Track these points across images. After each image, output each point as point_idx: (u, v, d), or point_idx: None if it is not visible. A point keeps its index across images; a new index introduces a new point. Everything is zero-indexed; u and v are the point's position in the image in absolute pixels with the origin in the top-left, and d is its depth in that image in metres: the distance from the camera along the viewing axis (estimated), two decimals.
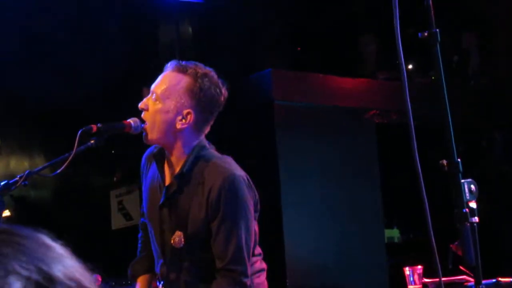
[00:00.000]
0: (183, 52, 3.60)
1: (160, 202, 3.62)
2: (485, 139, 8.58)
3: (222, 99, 3.62)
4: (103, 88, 8.33)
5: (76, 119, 3.86)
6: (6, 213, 10.48)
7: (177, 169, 3.57)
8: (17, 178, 3.40)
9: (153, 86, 3.58)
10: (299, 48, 8.60)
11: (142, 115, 3.57)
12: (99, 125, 3.48)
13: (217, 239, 3.48)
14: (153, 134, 3.55)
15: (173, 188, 3.59)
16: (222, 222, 3.47)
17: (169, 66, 3.60)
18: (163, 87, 3.53)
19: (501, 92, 8.12)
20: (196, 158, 3.57)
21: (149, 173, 3.76)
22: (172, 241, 3.54)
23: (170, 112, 3.52)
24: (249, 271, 3.53)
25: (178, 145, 3.57)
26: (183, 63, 3.59)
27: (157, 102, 3.53)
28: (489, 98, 8.25)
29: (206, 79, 3.55)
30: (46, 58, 8.50)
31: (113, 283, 6.57)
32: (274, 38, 8.21)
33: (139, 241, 3.98)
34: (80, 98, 8.39)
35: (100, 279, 5.39)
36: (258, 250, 3.66)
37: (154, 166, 3.72)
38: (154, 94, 3.54)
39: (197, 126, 3.57)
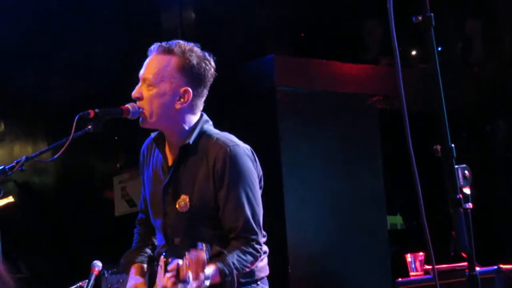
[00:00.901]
0: (186, 39, 3.59)
1: (165, 182, 3.60)
2: (488, 126, 8.57)
3: (213, 70, 3.60)
4: (105, 75, 8.33)
5: (80, 105, 3.85)
6: (10, 199, 10.50)
7: (180, 145, 3.56)
8: (13, 164, 3.39)
9: (141, 72, 3.56)
10: (302, 34, 8.58)
11: (138, 104, 3.54)
12: (96, 110, 3.47)
13: (226, 210, 3.47)
14: (152, 119, 3.53)
15: (178, 160, 3.58)
16: (229, 192, 3.46)
17: (153, 50, 3.58)
18: (154, 71, 3.51)
19: (505, 78, 8.10)
20: (200, 132, 3.57)
21: (150, 161, 3.75)
22: (177, 205, 3.51)
23: (167, 94, 3.50)
24: (262, 240, 3.52)
25: (178, 124, 3.56)
26: (166, 43, 3.57)
27: (151, 87, 3.50)
28: (493, 85, 8.24)
29: (193, 54, 3.54)
30: (47, 45, 8.50)
31: (115, 269, 6.57)
32: (276, 24, 8.19)
33: (136, 235, 3.94)
34: (83, 84, 8.39)
35: (101, 265, 5.39)
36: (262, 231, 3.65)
37: (156, 152, 3.72)
38: (146, 81, 3.52)
39: (194, 102, 3.56)
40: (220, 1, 8.01)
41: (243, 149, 3.54)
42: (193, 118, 3.59)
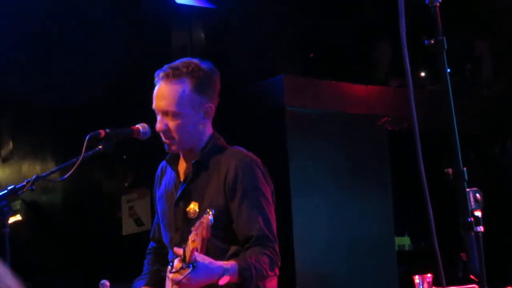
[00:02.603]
0: (195, 58, 3.60)
1: (177, 196, 3.59)
2: (497, 147, 8.56)
3: (218, 78, 3.60)
4: (117, 95, 8.35)
5: (89, 125, 3.86)
6: (18, 217, 10.52)
7: (193, 160, 3.56)
8: (24, 183, 3.39)
9: (159, 105, 3.50)
10: (312, 54, 8.60)
11: (164, 136, 3.52)
12: (107, 130, 3.48)
13: (240, 221, 3.43)
14: (181, 145, 3.53)
15: (190, 175, 3.57)
16: (242, 202, 3.43)
17: (161, 77, 3.53)
18: (174, 101, 3.48)
19: None
20: (213, 147, 3.57)
21: (162, 181, 3.76)
22: (187, 212, 3.50)
23: (192, 118, 3.50)
24: (277, 249, 3.45)
25: (200, 141, 3.57)
26: (172, 68, 3.53)
27: (176, 117, 3.48)
28: (501, 106, 8.24)
29: (200, 70, 3.53)
30: (60, 64, 8.53)
31: None
32: (286, 44, 8.21)
33: (145, 265, 3.90)
34: (93, 104, 8.41)
35: (108, 284, 5.37)
36: None
37: (168, 171, 3.72)
38: (169, 113, 3.49)
39: (211, 116, 3.60)
40: (229, 20, 8.03)
41: (255, 161, 3.54)
42: (207, 132, 3.60)
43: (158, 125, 3.52)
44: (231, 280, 3.25)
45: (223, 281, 3.21)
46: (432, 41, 2.65)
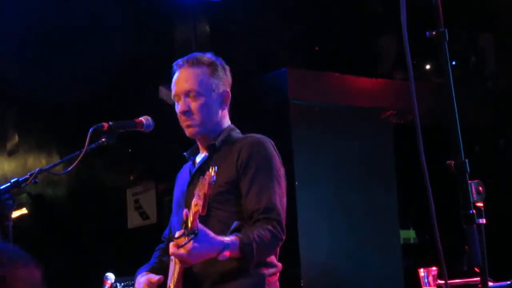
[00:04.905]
0: (200, 51, 3.62)
1: (188, 179, 3.61)
2: (502, 140, 8.55)
3: (230, 73, 3.70)
4: (121, 87, 8.36)
5: (94, 117, 3.86)
6: (23, 211, 10.55)
7: (207, 145, 3.60)
8: (27, 176, 3.39)
9: (182, 87, 3.57)
10: (316, 48, 8.59)
11: (186, 118, 3.55)
12: (110, 123, 3.50)
13: (249, 194, 3.41)
14: (201, 128, 3.57)
15: (204, 160, 3.60)
16: (254, 177, 3.43)
17: (182, 64, 3.62)
18: (197, 81, 3.56)
19: None
20: (229, 136, 3.62)
21: (178, 178, 3.78)
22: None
23: (214, 100, 3.57)
24: (283, 224, 3.41)
25: (218, 127, 3.62)
26: (188, 58, 3.63)
27: (199, 97, 3.55)
28: (506, 99, 8.23)
29: (217, 61, 3.64)
30: (63, 58, 8.54)
31: (127, 282, 6.57)
32: (291, 37, 8.20)
33: (152, 258, 3.86)
34: (97, 97, 8.42)
35: (113, 277, 5.39)
36: None
37: (184, 168, 3.75)
38: (191, 92, 3.55)
39: (228, 104, 3.68)
40: (234, 13, 8.03)
41: (271, 141, 3.59)
42: (226, 122, 3.66)
43: (181, 107, 3.55)
44: (231, 255, 3.22)
45: (222, 256, 3.18)
46: (434, 33, 2.65)
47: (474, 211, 2.56)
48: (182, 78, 3.58)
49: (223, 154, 3.55)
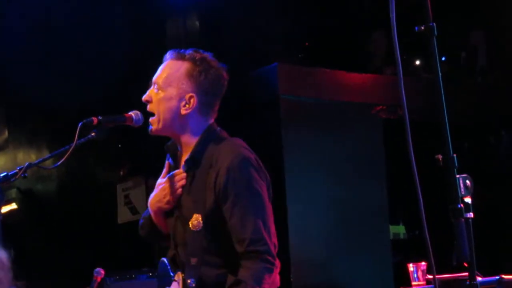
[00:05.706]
0: (190, 46, 3.61)
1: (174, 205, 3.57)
2: (492, 136, 8.57)
3: (224, 81, 3.60)
4: (110, 82, 8.34)
5: (84, 112, 3.86)
6: (13, 206, 10.53)
7: (185, 158, 3.54)
8: (16, 170, 3.38)
9: (154, 77, 3.58)
10: (307, 43, 8.60)
11: (148, 108, 3.56)
12: (99, 117, 3.48)
13: (232, 223, 3.38)
14: (159, 124, 3.53)
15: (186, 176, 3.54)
16: (235, 205, 3.38)
17: (168, 56, 3.61)
18: (164, 75, 3.54)
19: (509, 88, 8.11)
20: (206, 142, 3.54)
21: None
22: (190, 225, 3.47)
23: (173, 98, 3.51)
24: (273, 251, 3.42)
25: (186, 132, 3.55)
26: (181, 50, 3.60)
27: (160, 91, 3.53)
28: (496, 95, 8.25)
29: (205, 62, 3.55)
30: (53, 54, 8.53)
31: (117, 277, 6.57)
32: (281, 33, 8.20)
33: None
34: (87, 91, 8.40)
35: (103, 272, 5.39)
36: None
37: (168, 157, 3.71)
38: (155, 85, 3.55)
39: (202, 110, 3.55)
40: (225, 9, 8.03)
41: (247, 158, 3.48)
42: (200, 127, 3.57)
43: (145, 95, 3.57)
44: None
45: None
46: (422, 28, 2.66)
47: (462, 205, 2.57)
48: (159, 69, 3.60)
49: (204, 172, 3.49)
